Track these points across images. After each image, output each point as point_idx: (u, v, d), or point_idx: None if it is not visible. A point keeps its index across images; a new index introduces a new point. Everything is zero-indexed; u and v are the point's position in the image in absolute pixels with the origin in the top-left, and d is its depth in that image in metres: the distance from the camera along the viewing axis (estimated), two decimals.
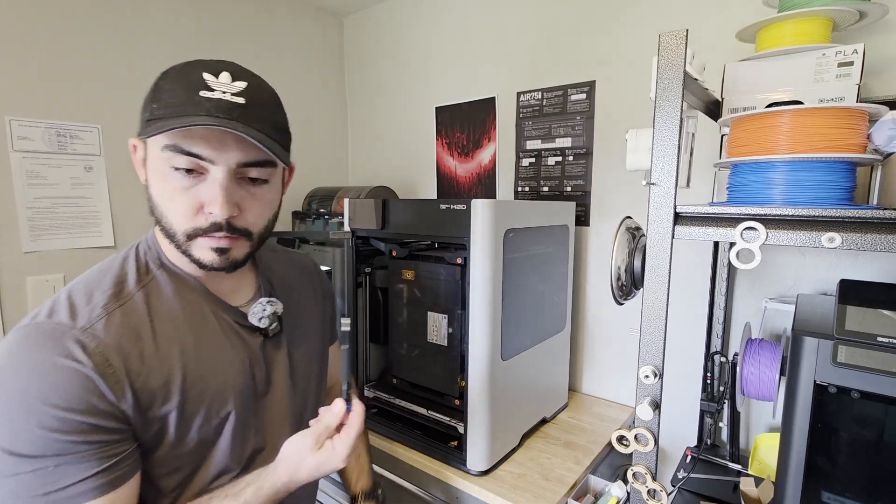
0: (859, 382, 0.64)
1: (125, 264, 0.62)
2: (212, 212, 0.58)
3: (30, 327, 0.53)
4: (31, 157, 1.31)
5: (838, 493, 0.68)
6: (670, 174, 0.65)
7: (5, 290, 1.30)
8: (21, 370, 0.50)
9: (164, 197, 0.58)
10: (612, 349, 1.47)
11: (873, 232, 0.55)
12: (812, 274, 1.11)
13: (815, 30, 0.85)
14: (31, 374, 0.50)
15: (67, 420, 0.50)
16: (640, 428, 0.70)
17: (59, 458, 0.50)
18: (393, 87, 1.98)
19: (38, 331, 0.53)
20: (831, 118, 0.66)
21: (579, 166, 1.48)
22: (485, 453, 1.06)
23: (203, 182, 0.57)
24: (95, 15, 1.40)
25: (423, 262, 1.21)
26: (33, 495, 0.50)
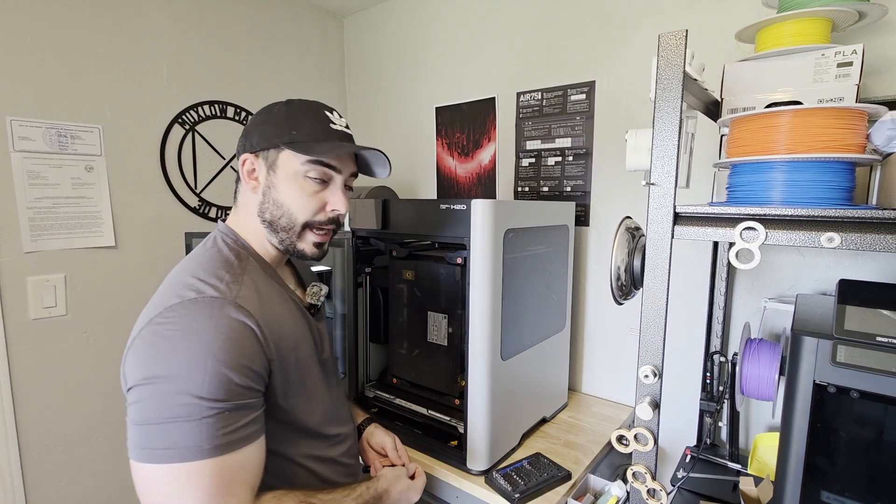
0: (859, 382, 0.64)
1: (223, 252, 0.74)
2: (335, 209, 0.78)
3: (189, 302, 0.63)
4: (31, 157, 1.31)
5: (838, 492, 0.68)
6: (670, 174, 0.65)
7: (6, 289, 1.30)
8: (202, 332, 0.61)
9: (297, 198, 0.75)
10: (611, 349, 1.47)
11: (872, 232, 0.55)
12: (811, 274, 1.11)
13: (815, 30, 0.85)
14: (212, 333, 0.61)
15: (245, 368, 0.63)
16: (640, 427, 0.70)
17: (235, 402, 0.62)
18: (393, 87, 1.98)
19: (202, 302, 0.63)
20: (830, 118, 0.66)
21: (579, 166, 1.49)
22: (485, 453, 1.06)
23: (327, 189, 0.78)
24: (96, 15, 1.40)
25: (423, 262, 1.21)
26: (214, 435, 0.60)
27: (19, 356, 1.33)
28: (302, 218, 0.76)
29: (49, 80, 1.33)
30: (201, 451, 0.59)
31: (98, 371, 1.48)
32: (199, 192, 1.69)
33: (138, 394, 0.60)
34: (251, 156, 0.76)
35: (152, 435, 0.59)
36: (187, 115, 1.63)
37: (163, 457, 0.59)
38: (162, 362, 0.60)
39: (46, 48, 1.32)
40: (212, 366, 0.60)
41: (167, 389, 0.59)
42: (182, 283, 0.67)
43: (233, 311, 0.64)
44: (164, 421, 0.59)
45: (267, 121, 0.76)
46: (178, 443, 0.58)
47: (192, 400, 0.59)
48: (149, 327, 0.63)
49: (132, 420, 0.61)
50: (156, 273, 1.57)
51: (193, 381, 0.59)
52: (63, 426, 1.42)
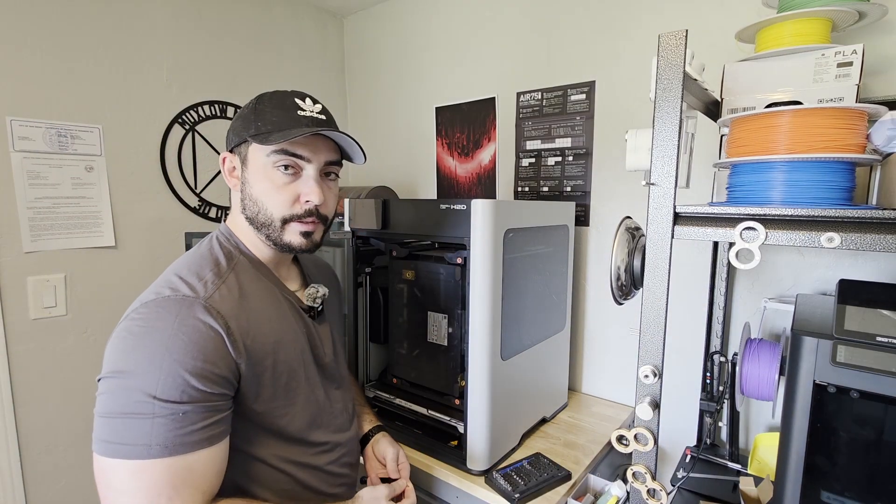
0: (858, 382, 0.64)
1: (213, 251, 0.74)
2: (308, 199, 0.74)
3: (162, 300, 0.64)
4: (31, 157, 1.31)
5: (838, 492, 0.68)
6: (670, 174, 0.65)
7: (6, 289, 1.30)
8: (165, 331, 0.61)
9: (267, 191, 0.73)
10: (611, 349, 1.47)
11: (872, 232, 0.55)
12: (811, 274, 1.11)
13: (815, 30, 0.85)
14: (174, 333, 0.61)
15: (205, 371, 0.62)
16: (640, 427, 0.70)
17: (189, 405, 0.61)
18: (393, 87, 1.98)
19: (172, 301, 0.64)
20: (830, 118, 0.66)
21: (579, 166, 1.49)
22: (485, 453, 1.06)
23: (299, 179, 0.74)
24: (96, 15, 1.40)
25: (423, 262, 1.21)
26: (165, 435, 0.59)
27: (19, 356, 1.33)
28: (278, 213, 0.73)
29: (49, 80, 1.33)
30: (150, 450, 0.59)
31: (98, 371, 1.47)
32: (199, 192, 1.69)
33: (103, 386, 0.61)
34: (229, 154, 0.77)
35: (109, 428, 0.60)
36: (187, 115, 1.63)
37: (115, 451, 0.59)
38: (126, 357, 0.61)
39: (46, 48, 1.32)
40: (169, 366, 0.60)
41: (126, 385, 0.60)
42: (165, 280, 0.68)
43: (200, 313, 0.64)
44: (120, 416, 0.59)
45: (239, 116, 0.76)
46: (130, 439, 0.59)
47: (146, 398, 0.59)
48: (124, 321, 0.64)
49: (96, 411, 0.61)
50: (156, 273, 1.54)
51: (149, 379, 0.59)
52: (63, 426, 1.42)
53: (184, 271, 0.69)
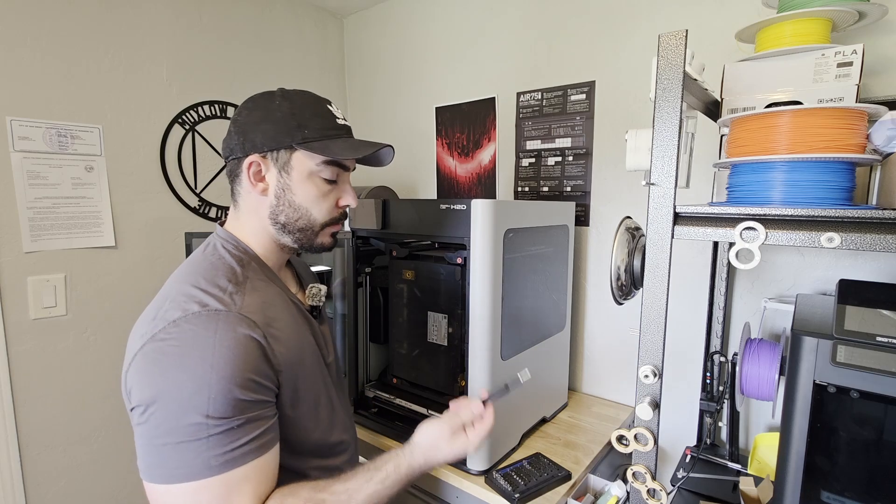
0: (858, 382, 0.64)
1: (224, 259, 0.71)
2: (348, 205, 0.78)
3: (194, 317, 0.61)
4: (31, 157, 1.31)
5: (838, 492, 0.68)
6: (670, 174, 0.65)
7: (6, 289, 1.30)
8: (205, 348, 0.59)
9: (313, 199, 0.74)
10: (611, 349, 1.47)
11: (872, 232, 0.56)
12: (811, 274, 1.11)
13: (815, 30, 0.85)
14: (216, 348, 0.59)
15: (251, 382, 0.61)
16: (640, 427, 0.70)
17: (241, 417, 0.60)
18: (393, 86, 1.98)
19: (206, 316, 0.61)
20: (830, 118, 0.66)
21: (579, 166, 1.49)
22: (485, 453, 1.06)
23: (337, 185, 0.77)
24: (96, 15, 1.40)
25: (423, 262, 1.21)
26: (217, 453, 0.58)
27: (19, 356, 1.33)
28: (321, 219, 0.75)
29: (49, 80, 1.33)
30: (210, 469, 0.58)
31: (98, 371, 1.48)
32: (199, 192, 1.69)
33: (145, 414, 0.59)
34: (258, 157, 0.71)
35: (163, 455, 0.58)
36: (187, 115, 1.63)
37: (172, 476, 0.58)
38: (167, 381, 0.59)
39: (46, 48, 1.32)
40: (216, 382, 0.58)
41: (173, 409, 0.58)
42: (184, 294, 0.65)
43: (238, 325, 0.62)
44: (171, 441, 0.58)
45: (268, 118, 0.71)
46: (188, 462, 0.58)
47: (199, 419, 0.58)
48: (151, 343, 0.61)
49: (138, 440, 0.60)
50: (156, 273, 1.57)
51: (199, 399, 0.58)
52: (63, 426, 1.42)
53: (202, 282, 0.66)
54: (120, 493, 1.55)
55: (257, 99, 0.74)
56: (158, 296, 0.68)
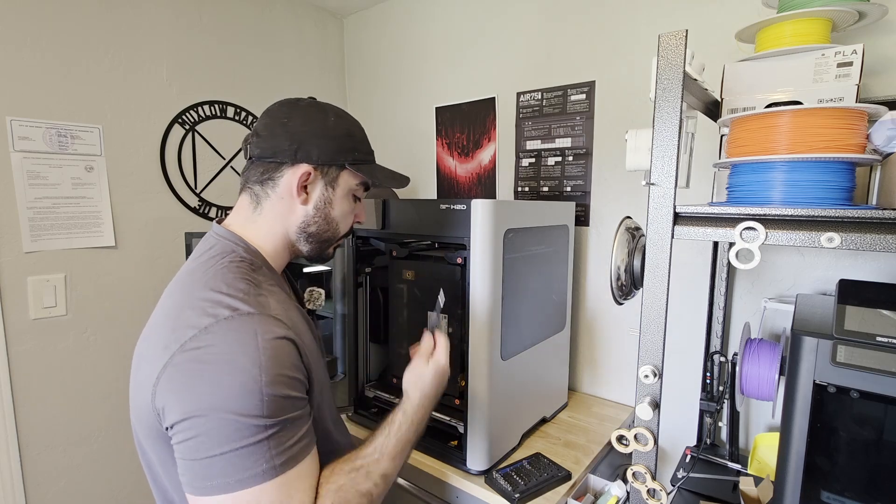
0: (859, 382, 0.64)
1: (236, 261, 0.69)
2: (360, 221, 0.84)
3: (227, 322, 0.59)
4: (31, 157, 1.31)
5: (838, 492, 0.68)
6: (670, 174, 0.65)
7: (6, 289, 1.30)
8: (248, 352, 0.58)
9: (346, 214, 0.79)
10: (611, 349, 1.47)
11: (872, 232, 0.56)
12: (811, 274, 1.11)
13: (815, 30, 0.85)
14: (260, 351, 0.58)
15: (293, 381, 0.61)
16: (640, 427, 0.70)
17: (292, 414, 0.60)
18: (393, 87, 1.98)
19: (242, 320, 0.60)
20: (830, 118, 0.66)
21: (579, 166, 1.49)
22: (485, 453, 1.06)
23: (358, 203, 0.82)
24: (96, 15, 1.40)
25: (423, 262, 1.21)
26: (277, 453, 0.58)
27: (19, 356, 1.33)
28: (343, 231, 0.80)
29: (49, 80, 1.33)
30: (273, 470, 0.58)
31: (98, 371, 1.48)
32: (199, 192, 1.69)
33: (191, 429, 0.56)
34: (312, 168, 0.72)
35: (215, 466, 0.56)
36: (187, 115, 1.63)
37: (229, 486, 0.56)
38: (214, 389, 0.56)
39: (46, 48, 1.32)
40: (267, 384, 0.57)
41: (227, 416, 0.56)
42: (207, 300, 0.62)
43: (273, 326, 0.61)
44: (228, 449, 0.56)
45: (326, 133, 0.73)
46: (249, 467, 0.56)
47: (255, 422, 0.56)
48: (182, 354, 0.58)
49: (186, 456, 0.57)
50: (156, 273, 1.57)
51: (253, 402, 0.56)
52: (63, 426, 1.42)
53: (222, 287, 0.64)
54: (120, 493, 1.55)
55: (308, 109, 0.75)
56: (170, 305, 0.65)
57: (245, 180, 0.76)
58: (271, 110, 0.76)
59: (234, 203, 0.78)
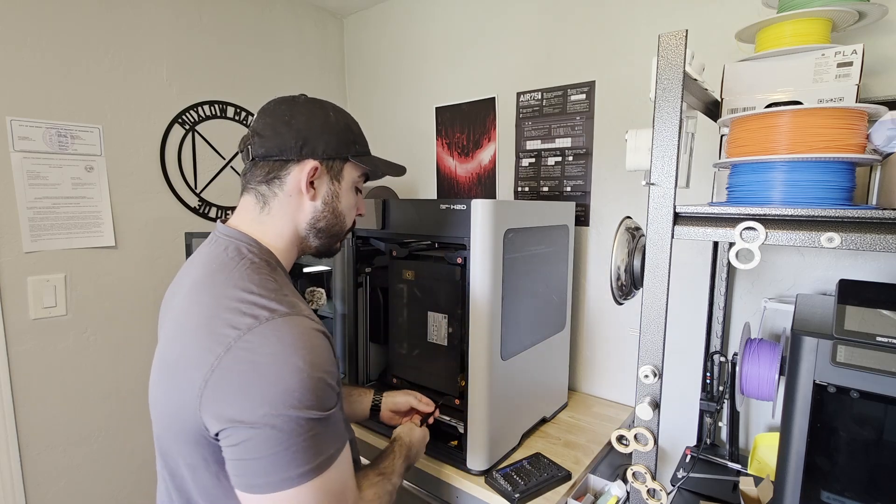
0: (859, 382, 0.64)
1: (255, 262, 0.70)
2: (362, 214, 0.85)
3: (271, 323, 0.61)
4: (31, 157, 1.31)
5: (838, 492, 0.68)
6: (670, 174, 0.65)
7: (6, 289, 1.30)
8: (300, 348, 0.60)
9: (351, 207, 0.81)
10: (611, 349, 1.47)
11: (872, 232, 0.56)
12: (811, 274, 1.11)
13: (815, 30, 0.85)
14: (308, 347, 0.61)
15: (335, 376, 0.64)
16: (640, 427, 0.70)
17: (334, 408, 0.63)
18: (393, 87, 1.98)
19: (284, 320, 0.61)
20: (830, 118, 0.66)
21: (579, 166, 1.49)
22: (485, 453, 1.06)
23: (359, 196, 0.83)
24: (96, 15, 1.40)
25: (423, 262, 1.21)
26: (333, 440, 0.62)
27: (19, 356, 1.33)
28: (349, 224, 0.82)
29: (49, 80, 1.33)
30: (327, 461, 0.61)
31: (98, 371, 1.48)
32: (199, 192, 1.69)
33: (250, 429, 0.57)
34: (318, 163, 0.73)
35: (278, 463, 0.57)
36: (187, 115, 1.63)
37: (297, 479, 0.58)
38: (268, 390, 0.57)
39: (46, 48, 1.32)
40: (316, 378, 0.59)
41: (283, 416, 0.57)
42: (242, 301, 0.62)
43: (309, 323, 0.63)
44: (294, 445, 0.57)
45: (328, 129, 0.74)
46: (305, 463, 0.58)
47: (309, 414, 0.58)
48: (231, 356, 0.58)
49: (245, 456, 0.58)
50: (156, 273, 1.57)
51: (306, 398, 0.58)
52: (63, 426, 1.42)
53: (253, 288, 0.64)
54: (120, 493, 1.55)
55: (308, 106, 0.75)
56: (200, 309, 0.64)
57: (247, 181, 0.75)
58: (269, 110, 0.75)
59: (234, 203, 0.78)
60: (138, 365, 1.56)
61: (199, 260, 0.71)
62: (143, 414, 1.59)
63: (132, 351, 1.55)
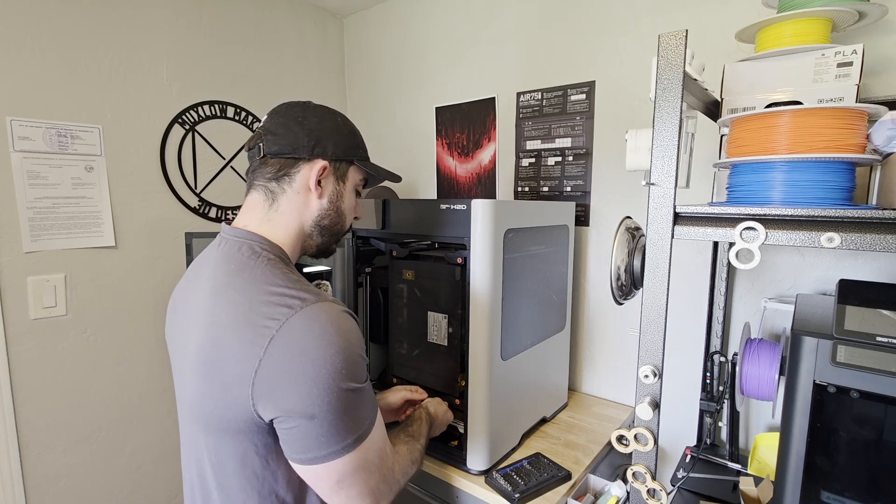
0: (858, 382, 0.64)
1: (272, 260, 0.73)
2: (359, 217, 0.89)
3: (305, 310, 0.65)
4: (31, 157, 1.31)
5: (837, 492, 0.68)
6: (670, 174, 0.65)
7: (6, 289, 1.30)
8: (339, 329, 0.65)
9: (352, 207, 0.85)
10: (611, 349, 1.47)
11: (872, 232, 0.56)
12: (811, 274, 1.11)
13: (815, 30, 0.85)
14: (345, 329, 0.66)
15: (363, 348, 0.69)
16: (640, 427, 0.70)
17: (367, 380, 0.70)
18: (393, 87, 1.98)
19: (317, 307, 0.65)
20: (830, 118, 0.66)
21: (579, 166, 1.49)
22: (485, 453, 1.06)
23: (357, 198, 0.87)
24: (96, 15, 1.40)
25: (423, 262, 1.21)
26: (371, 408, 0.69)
27: (19, 356, 1.33)
28: (348, 225, 0.85)
29: (49, 80, 1.33)
30: (371, 425, 0.69)
31: (98, 371, 1.48)
32: (199, 192, 1.69)
33: (309, 408, 0.62)
34: (327, 163, 0.77)
35: (338, 434, 0.64)
36: (187, 115, 1.63)
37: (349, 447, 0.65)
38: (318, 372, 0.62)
39: (46, 48, 1.32)
40: (357, 354, 0.66)
41: (337, 391, 0.63)
42: (274, 293, 0.66)
43: (338, 307, 0.68)
44: (341, 420, 0.64)
45: (338, 131, 0.79)
46: (357, 429, 0.66)
47: (358, 385, 0.66)
48: (276, 346, 0.62)
49: (303, 436, 0.64)
50: (156, 273, 1.57)
51: (354, 372, 0.65)
52: (63, 426, 1.42)
53: (279, 282, 0.68)
54: (120, 493, 1.55)
55: (319, 109, 0.79)
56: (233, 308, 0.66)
57: (254, 178, 0.78)
58: (282, 111, 0.78)
59: (233, 203, 0.79)
60: (138, 365, 1.56)
61: (214, 263, 0.73)
62: (143, 414, 1.59)
63: (132, 351, 1.55)
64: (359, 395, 0.66)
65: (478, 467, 1.07)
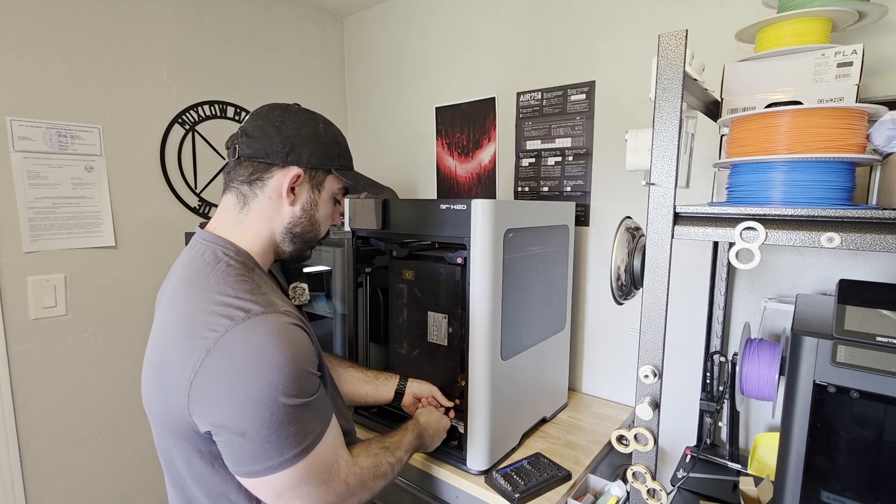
0: (859, 382, 0.64)
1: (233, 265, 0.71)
2: (337, 225, 0.90)
3: (247, 321, 0.63)
4: (31, 157, 1.31)
5: (837, 492, 0.68)
6: (670, 174, 0.65)
7: (6, 289, 1.30)
8: (279, 344, 0.63)
9: (328, 216, 0.83)
10: (611, 349, 1.47)
11: (872, 232, 0.56)
12: (811, 274, 1.11)
13: (815, 30, 0.85)
14: (287, 343, 0.64)
15: (315, 363, 0.69)
16: (640, 427, 0.70)
17: (317, 393, 0.67)
18: (393, 87, 1.98)
19: (260, 319, 0.64)
20: (830, 118, 0.66)
21: (579, 166, 1.49)
22: (485, 453, 1.06)
23: (336, 206, 0.85)
24: (96, 15, 1.40)
25: (423, 262, 1.21)
26: (316, 423, 0.67)
27: (19, 356, 1.33)
28: (324, 233, 0.83)
29: (49, 80, 1.33)
30: (315, 440, 0.66)
31: (98, 371, 1.48)
32: (199, 192, 1.69)
33: (240, 424, 0.60)
34: (302, 170, 0.75)
35: (272, 450, 0.62)
36: (187, 115, 1.63)
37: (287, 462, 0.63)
38: (252, 386, 0.60)
39: (46, 48, 1.32)
40: (296, 368, 0.63)
41: (270, 406, 0.61)
42: (219, 304, 0.65)
43: (287, 319, 0.66)
44: (279, 433, 0.62)
45: (316, 139, 0.77)
46: (297, 445, 0.63)
47: (294, 401, 0.62)
48: (211, 358, 0.61)
49: (239, 448, 0.62)
50: (156, 273, 1.57)
51: (290, 387, 0.62)
52: (63, 426, 1.42)
53: (229, 291, 0.66)
54: (119, 492, 1.55)
55: (299, 114, 0.77)
56: (178, 314, 0.66)
57: (230, 179, 0.77)
58: (262, 113, 0.77)
59: None
60: (138, 365, 1.55)
61: (180, 267, 0.74)
62: (143, 414, 1.58)
63: (132, 351, 1.55)
64: (303, 409, 0.64)
65: (478, 467, 1.07)
